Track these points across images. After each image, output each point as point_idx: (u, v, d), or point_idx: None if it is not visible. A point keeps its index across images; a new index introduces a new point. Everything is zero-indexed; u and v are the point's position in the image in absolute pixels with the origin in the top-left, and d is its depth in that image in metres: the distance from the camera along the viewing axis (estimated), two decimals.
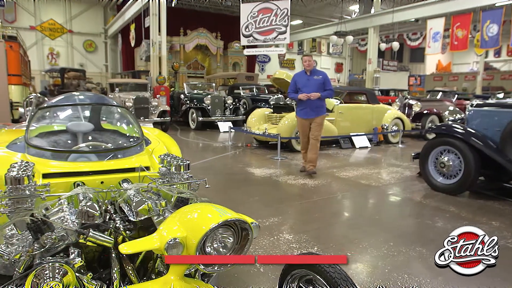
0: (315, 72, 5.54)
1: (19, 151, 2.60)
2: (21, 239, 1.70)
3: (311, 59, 5.56)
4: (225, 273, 2.35)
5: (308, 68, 5.48)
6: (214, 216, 1.52)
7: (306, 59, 5.52)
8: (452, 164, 4.76)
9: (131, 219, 1.89)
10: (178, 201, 2.09)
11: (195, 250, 1.47)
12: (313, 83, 5.40)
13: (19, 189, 1.74)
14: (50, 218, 1.73)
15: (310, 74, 5.47)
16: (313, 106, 5.45)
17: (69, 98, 3.14)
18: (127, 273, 1.84)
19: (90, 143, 2.79)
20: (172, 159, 2.22)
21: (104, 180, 2.30)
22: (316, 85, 5.39)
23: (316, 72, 5.54)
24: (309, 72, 5.48)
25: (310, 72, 5.48)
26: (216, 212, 1.56)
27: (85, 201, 1.81)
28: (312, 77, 5.45)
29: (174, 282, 1.62)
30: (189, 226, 1.53)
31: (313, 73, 5.49)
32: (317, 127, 5.53)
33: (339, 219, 4.10)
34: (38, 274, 1.53)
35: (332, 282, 1.53)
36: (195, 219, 1.56)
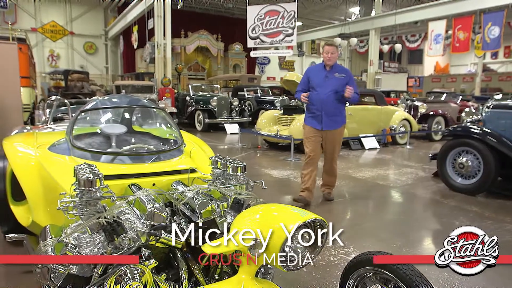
0: (338, 69, 4.14)
1: (64, 153, 2.62)
2: (92, 241, 1.72)
3: (335, 50, 4.12)
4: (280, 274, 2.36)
5: (329, 63, 4.07)
6: (296, 216, 1.55)
7: (328, 49, 4.07)
8: (471, 164, 4.83)
9: (195, 220, 1.92)
10: (233, 203, 2.12)
11: (279, 250, 1.50)
12: (333, 83, 4.04)
13: (91, 191, 1.76)
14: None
15: (330, 70, 4.09)
16: (332, 113, 4.06)
17: (106, 101, 3.16)
18: (193, 273, 1.87)
19: (134, 146, 2.81)
20: (228, 161, 2.24)
21: (155, 182, 2.32)
22: (337, 86, 4.03)
23: (338, 69, 4.14)
24: (329, 68, 4.10)
25: (331, 68, 4.09)
26: (295, 212, 1.60)
27: (153, 203, 1.83)
28: (332, 74, 4.08)
29: (246, 281, 1.65)
30: (269, 226, 1.55)
31: (335, 70, 4.11)
32: (336, 143, 4.22)
33: (364, 219, 4.14)
34: (119, 276, 1.56)
35: (407, 281, 1.57)
36: (275, 219, 1.58)
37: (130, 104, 3.13)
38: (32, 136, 3.13)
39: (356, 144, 8.54)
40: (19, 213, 2.67)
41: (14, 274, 2.60)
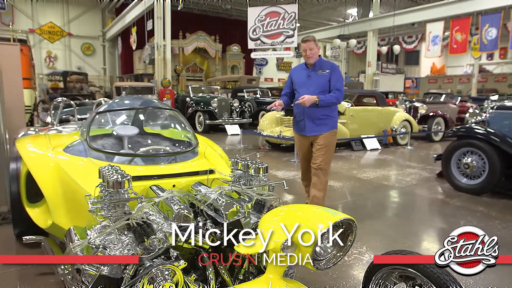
0: (321, 65, 3.57)
1: (80, 155, 2.62)
2: (120, 242, 1.73)
3: (312, 45, 3.51)
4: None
5: (310, 61, 3.55)
6: (327, 216, 1.57)
7: (305, 46, 3.53)
8: (476, 165, 4.88)
9: (219, 221, 1.93)
10: (255, 203, 2.14)
11: (312, 249, 1.52)
12: (315, 82, 3.53)
13: (120, 193, 1.77)
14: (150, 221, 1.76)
15: (313, 68, 3.57)
16: (314, 117, 3.54)
17: (120, 102, 3.17)
18: (219, 273, 1.88)
19: (150, 147, 2.83)
20: (249, 162, 2.26)
21: (175, 183, 2.33)
22: (321, 85, 3.51)
23: (321, 65, 3.57)
24: (311, 66, 3.58)
25: (313, 66, 3.57)
26: (326, 212, 1.62)
27: (179, 205, 1.84)
28: (314, 72, 3.55)
29: (274, 281, 1.67)
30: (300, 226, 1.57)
31: (318, 67, 3.56)
32: (322, 150, 3.56)
33: (373, 219, 4.17)
34: (151, 277, 1.57)
35: (436, 280, 1.59)
36: (306, 219, 1.60)
37: (145, 106, 3.14)
38: (45, 138, 3.13)
39: (358, 145, 8.59)
40: (36, 215, 2.67)
41: (30, 276, 2.60)
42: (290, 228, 1.59)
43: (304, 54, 3.56)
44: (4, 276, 2.58)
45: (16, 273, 2.64)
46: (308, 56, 3.53)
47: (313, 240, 1.52)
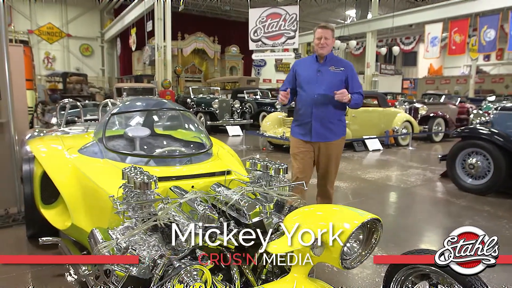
0: (333, 61, 3.01)
1: (96, 156, 2.63)
2: (147, 242, 1.74)
3: (330, 34, 2.94)
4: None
5: (322, 52, 2.95)
6: (355, 216, 1.60)
7: (321, 32, 2.92)
8: (481, 165, 4.93)
9: (243, 222, 1.94)
10: (276, 204, 2.16)
11: (340, 249, 1.54)
12: (327, 79, 2.95)
13: (146, 193, 1.78)
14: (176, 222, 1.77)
15: (324, 62, 2.98)
16: (326, 119, 2.98)
17: (134, 104, 3.18)
18: (243, 273, 1.90)
19: (166, 148, 2.84)
20: (268, 162, 2.27)
21: (193, 184, 2.35)
22: (334, 84, 2.92)
23: (334, 61, 3.01)
24: (321, 59, 2.99)
25: (324, 60, 2.99)
26: (353, 212, 1.64)
27: (203, 205, 1.86)
28: (326, 67, 2.97)
29: (299, 280, 1.68)
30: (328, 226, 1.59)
31: (330, 62, 2.99)
32: (334, 160, 3.08)
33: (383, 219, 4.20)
34: (181, 277, 1.58)
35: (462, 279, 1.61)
36: (334, 218, 1.62)
37: (159, 107, 3.15)
38: (58, 139, 3.13)
39: (360, 146, 8.64)
40: (52, 217, 2.67)
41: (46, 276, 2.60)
42: (316, 228, 1.61)
43: (318, 42, 2.92)
44: (18, 277, 2.58)
45: (30, 274, 2.64)
46: (322, 45, 2.90)
47: (344, 239, 1.53)
